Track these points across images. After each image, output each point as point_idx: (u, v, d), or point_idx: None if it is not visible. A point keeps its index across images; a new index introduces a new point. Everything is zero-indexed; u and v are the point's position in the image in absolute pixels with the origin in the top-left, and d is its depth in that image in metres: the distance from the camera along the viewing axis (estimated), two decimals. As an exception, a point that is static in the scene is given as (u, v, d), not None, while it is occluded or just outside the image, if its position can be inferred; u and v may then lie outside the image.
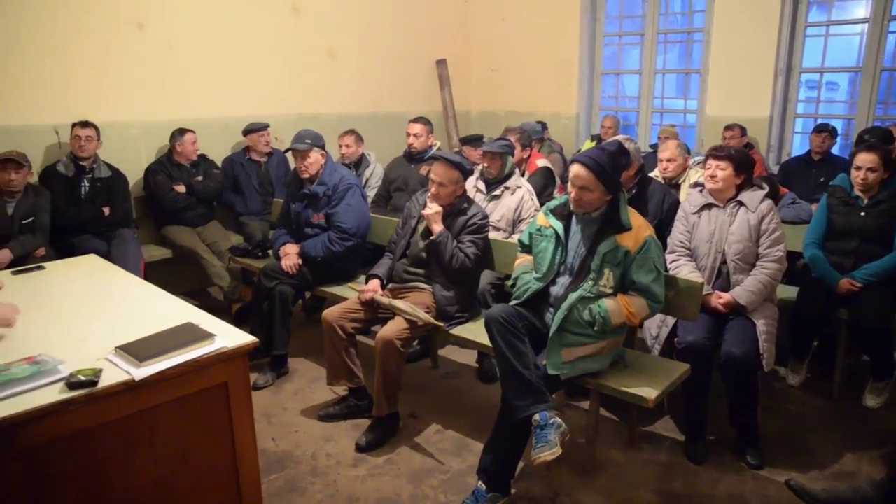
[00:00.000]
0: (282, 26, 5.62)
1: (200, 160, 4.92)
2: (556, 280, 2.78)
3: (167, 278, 3.86)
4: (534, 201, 3.90)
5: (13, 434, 1.66)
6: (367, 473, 2.87)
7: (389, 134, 6.17)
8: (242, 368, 2.11)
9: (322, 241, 3.69)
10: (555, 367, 2.58)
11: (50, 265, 3.20)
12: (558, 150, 5.78)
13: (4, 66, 4.18)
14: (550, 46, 6.76)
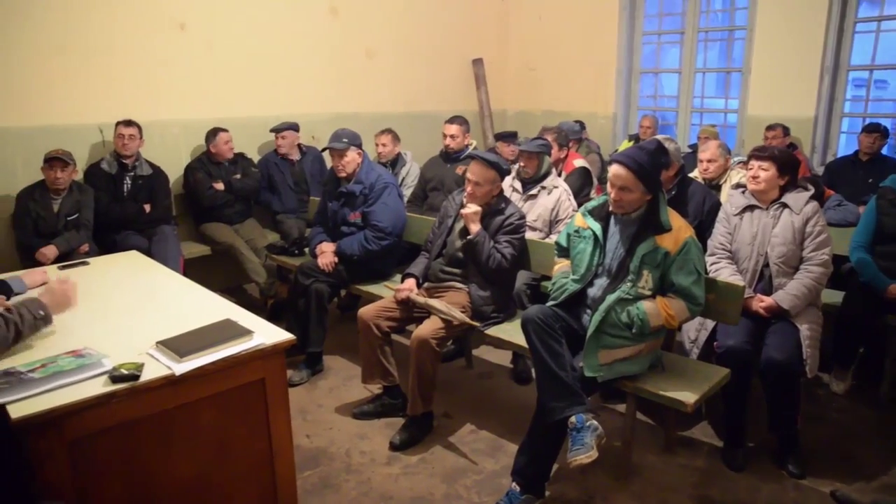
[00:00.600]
0: (320, 26, 5.66)
1: (239, 158, 4.99)
2: (593, 281, 2.75)
3: (205, 275, 3.92)
4: (571, 202, 3.86)
5: (60, 424, 1.70)
6: (401, 472, 2.87)
7: (425, 133, 6.18)
8: (280, 365, 2.14)
9: (358, 240, 3.71)
10: (592, 370, 2.55)
11: (93, 261, 3.27)
12: (596, 151, 5.72)
13: (53, 68, 4.28)
14: (588, 45, 6.69)
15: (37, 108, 4.28)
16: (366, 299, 3.80)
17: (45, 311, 2.07)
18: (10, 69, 4.12)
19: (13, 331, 1.95)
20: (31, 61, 4.20)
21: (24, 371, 1.83)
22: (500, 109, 7.30)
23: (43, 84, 4.27)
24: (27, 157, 4.18)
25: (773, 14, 5.49)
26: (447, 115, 5.04)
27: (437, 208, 4.26)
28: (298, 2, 5.48)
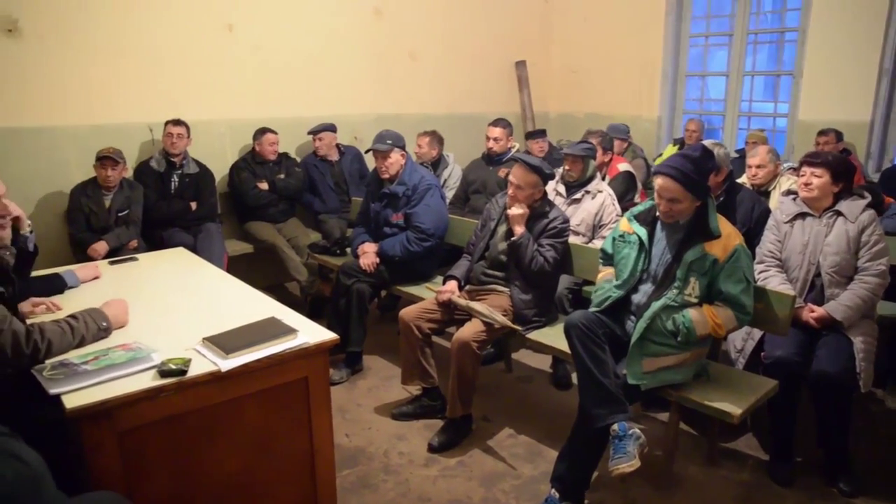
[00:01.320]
0: (364, 28, 5.71)
1: (283, 158, 5.05)
2: (638, 287, 2.70)
3: (247, 272, 3.98)
4: (615, 206, 3.82)
5: (112, 416, 1.75)
6: (439, 474, 2.87)
7: (467, 135, 6.18)
8: (323, 364, 2.15)
9: (400, 241, 3.72)
10: (635, 377, 2.51)
11: (142, 257, 3.35)
12: (641, 155, 5.64)
13: (106, 69, 4.41)
14: (633, 47, 6.61)
15: (90, 108, 4.41)
16: (406, 300, 3.81)
17: (108, 323, 2.13)
18: (65, 71, 4.25)
19: (78, 339, 2.02)
20: (86, 63, 4.33)
21: (78, 363, 1.88)
22: (542, 112, 7.25)
23: (96, 85, 4.39)
24: (81, 154, 4.31)
25: (827, 15, 5.33)
26: (489, 117, 5.03)
27: (479, 211, 4.26)
28: (343, 3, 5.53)
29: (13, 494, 0.97)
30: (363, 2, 5.67)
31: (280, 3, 5.15)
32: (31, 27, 4.09)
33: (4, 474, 0.97)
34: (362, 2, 5.66)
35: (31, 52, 4.11)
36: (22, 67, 4.09)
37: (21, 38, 4.07)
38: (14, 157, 4.04)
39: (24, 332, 1.92)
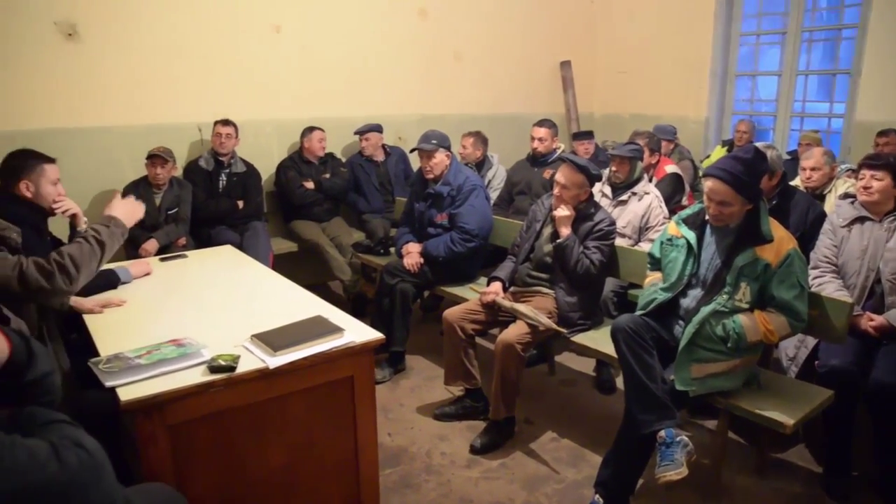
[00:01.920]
0: (409, 28, 5.73)
1: (328, 158, 5.10)
2: (686, 292, 2.65)
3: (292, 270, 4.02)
4: (662, 208, 3.75)
5: (163, 409, 1.79)
6: (481, 476, 2.85)
7: (511, 135, 6.15)
8: (368, 363, 2.16)
9: (444, 241, 3.72)
10: (683, 383, 2.46)
11: (191, 254, 3.43)
12: (688, 157, 5.53)
13: (157, 70, 4.52)
14: (681, 47, 6.48)
15: (142, 108, 4.53)
16: (449, 300, 3.81)
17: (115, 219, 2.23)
18: (120, 73, 4.38)
19: (95, 242, 2.10)
20: (139, 65, 4.45)
21: (131, 357, 1.93)
22: (587, 112, 7.18)
23: (149, 86, 4.51)
24: (133, 153, 4.42)
25: (889, 11, 5.12)
26: (533, 118, 4.99)
27: (523, 212, 4.23)
28: (389, 4, 5.56)
29: (77, 481, 0.99)
30: (408, 3, 5.69)
31: (327, 4, 5.21)
32: (89, 32, 4.23)
33: (69, 461, 1.00)
34: (407, 3, 5.68)
35: (89, 55, 4.24)
36: (80, 70, 4.23)
37: (80, 42, 4.20)
38: (71, 156, 4.17)
39: (43, 258, 2.02)
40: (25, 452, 0.96)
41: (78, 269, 2.02)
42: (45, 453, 0.98)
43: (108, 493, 1.05)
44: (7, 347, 1.13)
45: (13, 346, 1.14)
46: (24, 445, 0.97)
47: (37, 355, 1.19)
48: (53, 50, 4.13)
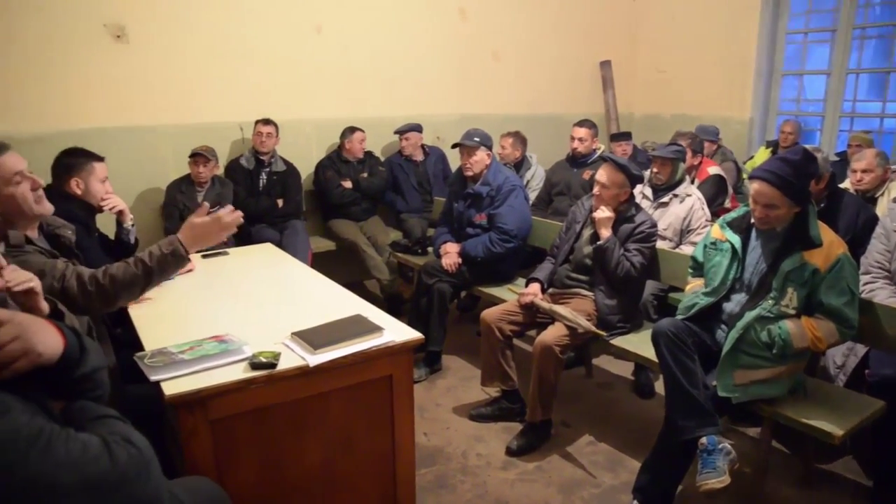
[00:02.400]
0: (448, 28, 5.73)
1: (367, 157, 5.13)
2: (730, 296, 2.59)
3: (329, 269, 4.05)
4: (704, 211, 3.68)
5: (205, 404, 1.81)
6: (517, 478, 2.84)
7: (550, 136, 6.11)
8: (407, 363, 2.16)
9: (483, 242, 3.71)
10: (726, 389, 2.40)
11: (233, 251, 3.48)
12: (731, 158, 5.41)
13: (202, 71, 4.60)
14: (724, 45, 6.35)
15: (186, 108, 4.61)
16: (486, 301, 3.79)
17: (175, 246, 2.02)
18: (165, 73, 4.47)
19: (142, 268, 1.99)
20: (184, 66, 4.53)
21: (175, 352, 1.96)
22: (627, 113, 7.09)
23: (193, 86, 4.59)
24: (177, 152, 4.51)
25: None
26: (572, 118, 4.95)
27: (562, 213, 4.19)
28: (428, 4, 5.57)
29: (126, 476, 1.01)
30: (448, 3, 5.69)
31: (367, 5, 5.24)
32: (136, 33, 4.32)
33: (119, 456, 1.01)
34: (447, 3, 5.69)
35: (136, 56, 4.34)
36: (127, 71, 4.33)
37: (128, 43, 4.30)
38: (118, 155, 4.26)
39: (87, 273, 2.01)
40: (79, 446, 0.98)
41: (117, 294, 2.00)
42: (97, 448, 1.00)
43: (155, 488, 1.07)
44: (62, 343, 1.15)
45: (67, 342, 1.16)
46: (77, 439, 0.99)
47: (88, 351, 1.22)
48: (102, 51, 4.23)
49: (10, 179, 1.93)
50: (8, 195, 1.93)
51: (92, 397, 1.23)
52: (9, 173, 1.93)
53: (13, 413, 0.95)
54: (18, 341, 1.07)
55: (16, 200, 1.94)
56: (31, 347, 1.08)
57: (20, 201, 1.95)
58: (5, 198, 1.93)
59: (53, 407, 1.14)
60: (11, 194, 1.94)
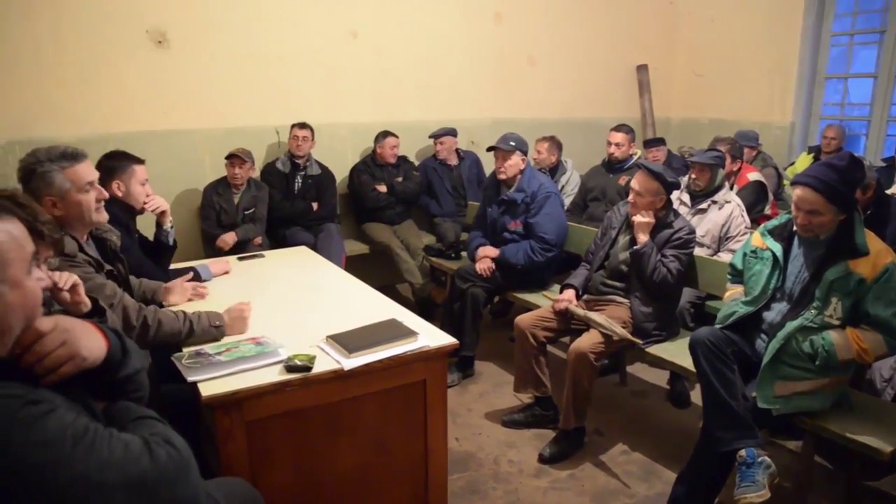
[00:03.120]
0: (483, 32, 5.72)
1: (401, 162, 5.14)
2: (770, 305, 2.52)
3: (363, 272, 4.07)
4: (744, 218, 3.60)
5: (241, 406, 1.83)
6: (549, 486, 2.81)
7: (584, 140, 6.06)
8: (441, 368, 2.16)
9: (524, 249, 3.67)
10: (766, 401, 2.34)
11: (268, 254, 3.52)
12: (772, 164, 5.29)
13: (239, 75, 4.67)
14: (765, 48, 6.22)
15: (224, 112, 4.69)
16: (519, 307, 3.77)
17: (222, 323, 2.18)
18: (204, 78, 4.55)
19: (188, 327, 2.10)
20: (222, 71, 4.60)
21: (212, 353, 1.98)
22: (663, 117, 6.99)
23: (230, 90, 4.66)
24: (214, 155, 4.59)
25: None
26: (608, 123, 4.90)
27: (597, 219, 4.15)
28: (464, 9, 5.57)
29: (165, 477, 1.02)
30: (483, 7, 5.68)
31: (403, 10, 5.26)
32: (177, 39, 4.41)
33: (160, 457, 1.03)
34: (483, 7, 5.68)
35: (176, 61, 4.43)
36: (168, 76, 4.42)
37: (169, 49, 4.39)
38: (158, 158, 4.34)
39: (136, 307, 2.05)
40: (122, 446, 1.00)
41: (155, 338, 2.06)
42: (138, 448, 1.02)
43: (194, 489, 1.08)
44: (105, 346, 1.17)
45: (110, 345, 1.18)
46: (120, 439, 1.01)
47: (130, 353, 1.24)
48: (144, 57, 4.33)
49: (82, 187, 2.03)
50: (76, 201, 2.03)
51: (133, 398, 1.25)
52: (82, 181, 2.03)
53: (59, 411, 0.97)
54: (64, 347, 1.09)
55: (81, 207, 2.04)
56: (77, 352, 1.11)
57: (84, 209, 2.05)
58: (73, 203, 2.03)
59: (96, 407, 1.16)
60: (79, 201, 2.04)
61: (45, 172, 1.98)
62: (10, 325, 1.04)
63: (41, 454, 0.91)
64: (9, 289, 1.03)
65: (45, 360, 1.07)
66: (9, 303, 1.03)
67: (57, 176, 1.99)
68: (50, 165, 1.99)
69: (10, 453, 0.89)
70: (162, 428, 1.16)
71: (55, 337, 1.09)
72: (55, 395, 1.02)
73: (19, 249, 1.06)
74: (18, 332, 1.06)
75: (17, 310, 1.04)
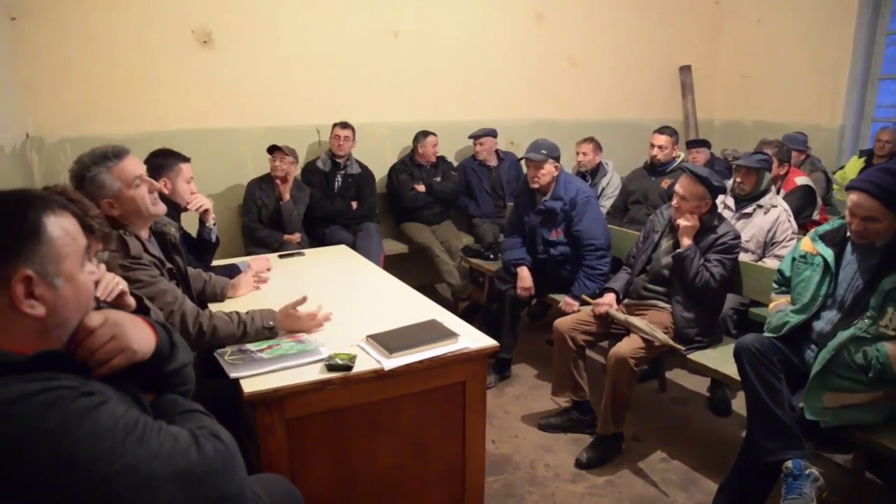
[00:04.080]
0: (524, 33, 5.68)
1: (440, 162, 5.14)
2: (820, 314, 2.45)
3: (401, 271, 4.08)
4: (791, 223, 3.51)
5: (282, 403, 1.84)
6: (586, 492, 2.77)
7: (626, 142, 5.98)
8: (481, 370, 2.15)
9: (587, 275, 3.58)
10: (814, 412, 2.27)
11: (308, 252, 3.54)
12: (821, 168, 5.14)
13: (281, 75, 4.72)
14: (814, 48, 6.04)
15: (266, 110, 4.75)
16: (557, 309, 3.72)
17: (275, 323, 2.16)
18: (246, 77, 4.61)
19: (241, 330, 2.10)
20: (264, 70, 4.66)
21: (254, 350, 2.00)
22: (706, 119, 6.86)
23: (272, 89, 4.72)
24: (255, 153, 4.65)
25: None
26: (649, 125, 4.83)
27: (638, 222, 4.08)
28: (505, 8, 5.54)
29: (213, 470, 1.03)
30: (525, 6, 5.64)
31: (444, 9, 5.26)
32: (222, 39, 4.48)
33: (207, 450, 1.04)
34: (524, 6, 5.64)
35: (220, 61, 4.50)
36: (212, 75, 4.50)
37: (213, 49, 4.47)
38: (201, 156, 4.40)
39: (193, 314, 2.07)
40: (170, 438, 1.01)
41: (210, 343, 2.07)
42: (186, 441, 1.03)
43: (240, 482, 1.09)
44: (154, 340, 1.19)
45: (159, 338, 1.20)
46: (169, 431, 1.02)
47: (178, 346, 1.25)
48: (189, 56, 4.41)
49: (131, 182, 2.06)
50: (129, 197, 2.07)
51: (180, 392, 1.27)
52: (130, 177, 2.07)
53: (111, 403, 0.98)
54: (115, 341, 1.11)
55: (136, 203, 2.08)
56: (127, 345, 1.13)
57: (139, 203, 2.09)
58: (126, 200, 2.07)
59: (144, 399, 1.18)
60: (132, 197, 2.07)
61: (94, 176, 2.02)
62: (65, 319, 1.07)
63: (94, 445, 0.92)
64: (64, 282, 1.05)
65: (96, 353, 1.09)
66: (64, 296, 1.05)
67: (105, 177, 2.03)
68: (96, 169, 2.03)
69: (65, 443, 0.90)
70: (209, 421, 1.17)
71: (105, 331, 1.11)
72: (107, 388, 1.04)
73: (73, 244, 1.08)
74: (74, 325, 1.08)
75: (71, 303, 1.07)
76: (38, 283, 1.01)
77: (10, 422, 0.89)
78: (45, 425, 0.90)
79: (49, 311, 1.03)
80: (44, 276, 1.02)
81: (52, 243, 1.04)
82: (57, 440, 0.90)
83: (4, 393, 0.91)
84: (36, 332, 1.03)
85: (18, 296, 0.99)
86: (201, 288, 2.57)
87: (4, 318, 1.00)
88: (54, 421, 0.91)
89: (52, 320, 1.04)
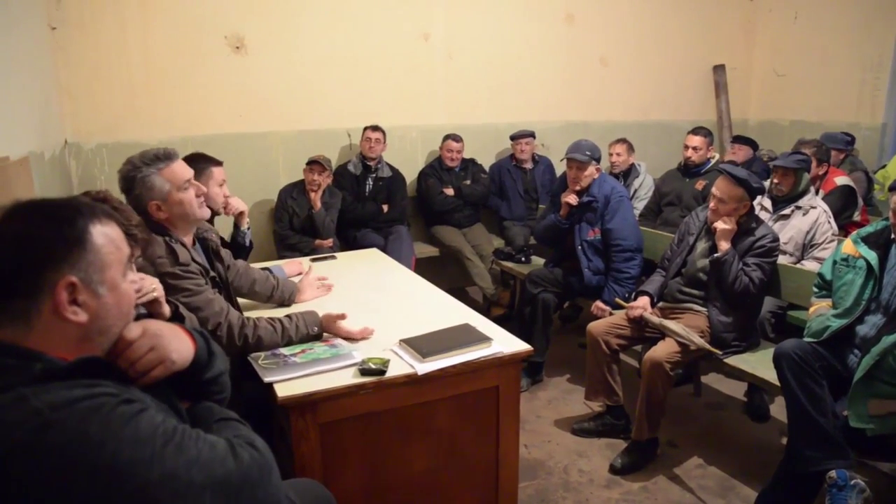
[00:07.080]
0: (555, 34, 5.64)
1: (469, 164, 5.12)
2: (864, 318, 2.38)
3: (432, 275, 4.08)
4: (830, 224, 3.42)
5: (315, 408, 1.84)
6: (621, 498, 2.73)
7: (658, 143, 5.90)
8: (515, 375, 2.13)
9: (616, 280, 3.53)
10: (859, 420, 2.21)
11: (340, 255, 3.56)
12: (861, 168, 5.01)
13: (312, 79, 4.76)
14: (855, 45, 5.88)
15: (297, 115, 4.78)
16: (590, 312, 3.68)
17: (320, 329, 2.17)
18: (278, 81, 4.65)
19: (286, 340, 2.10)
20: (296, 74, 4.70)
21: (287, 354, 2.01)
22: (740, 119, 6.73)
23: (304, 93, 4.75)
24: (287, 157, 4.70)
25: None
26: (682, 125, 4.76)
27: (672, 224, 4.02)
28: (535, 10, 5.50)
29: (249, 479, 1.04)
30: (555, 8, 5.60)
31: (474, 12, 5.24)
32: (254, 44, 4.53)
33: (243, 458, 1.04)
34: (554, 8, 5.60)
35: (253, 65, 4.55)
36: (245, 80, 4.54)
37: (246, 54, 4.52)
38: (234, 159, 4.46)
39: (239, 324, 2.07)
40: (208, 446, 1.01)
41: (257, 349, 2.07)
42: (223, 449, 1.03)
43: (275, 491, 1.09)
44: (192, 349, 1.20)
45: (197, 347, 1.21)
46: (206, 439, 1.02)
47: (216, 355, 1.26)
48: (222, 61, 4.46)
49: (181, 185, 2.07)
50: (178, 200, 2.07)
51: (216, 399, 1.28)
52: (180, 179, 2.08)
53: (150, 411, 0.99)
54: (154, 352, 1.13)
55: (183, 206, 2.08)
56: (167, 356, 1.14)
57: (187, 206, 2.09)
58: (175, 203, 2.07)
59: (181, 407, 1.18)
60: (181, 200, 2.08)
61: (145, 177, 2.03)
62: (108, 326, 1.08)
63: (134, 451, 0.93)
64: (107, 290, 1.06)
65: (136, 364, 1.11)
66: (106, 304, 1.06)
67: (156, 179, 2.04)
68: (147, 170, 2.04)
69: (107, 449, 0.91)
70: (245, 430, 1.17)
71: (144, 342, 1.12)
72: (145, 395, 1.05)
73: (117, 252, 1.09)
74: (116, 333, 1.09)
75: (113, 311, 1.07)
76: (81, 289, 1.02)
77: (55, 427, 0.90)
78: (88, 431, 0.91)
79: (91, 318, 1.04)
80: (88, 283, 1.03)
81: (97, 251, 1.05)
82: (99, 446, 0.91)
83: (49, 398, 0.92)
84: (77, 339, 1.04)
85: (62, 302, 1.00)
86: (269, 293, 2.57)
87: (47, 323, 1.01)
88: (97, 427, 0.92)
89: (94, 327, 1.05)
